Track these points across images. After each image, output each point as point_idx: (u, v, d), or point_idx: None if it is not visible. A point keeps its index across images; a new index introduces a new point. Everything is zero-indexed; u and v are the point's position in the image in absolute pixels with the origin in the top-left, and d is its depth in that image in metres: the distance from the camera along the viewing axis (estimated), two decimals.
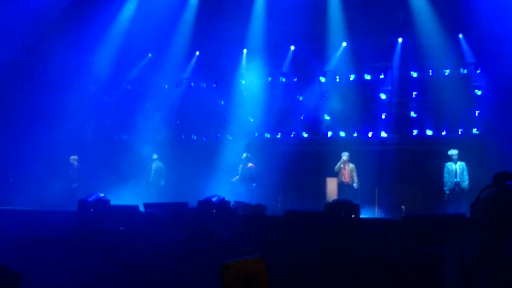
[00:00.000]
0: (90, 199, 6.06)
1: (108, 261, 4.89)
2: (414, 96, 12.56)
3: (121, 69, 13.83)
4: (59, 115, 12.29)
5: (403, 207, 9.83)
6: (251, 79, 13.74)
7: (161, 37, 13.39)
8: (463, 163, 10.50)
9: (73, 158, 12.21)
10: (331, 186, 11.83)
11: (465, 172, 10.42)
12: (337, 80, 13.02)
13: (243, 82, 13.86)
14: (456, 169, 10.48)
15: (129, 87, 14.40)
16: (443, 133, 12.15)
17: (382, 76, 12.75)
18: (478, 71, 11.61)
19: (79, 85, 12.99)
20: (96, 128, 13.72)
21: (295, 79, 13.55)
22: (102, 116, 13.97)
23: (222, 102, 14.07)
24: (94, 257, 5.01)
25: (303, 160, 12.97)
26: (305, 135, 13.41)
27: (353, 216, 5.04)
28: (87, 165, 12.38)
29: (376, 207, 11.43)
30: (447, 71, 12.13)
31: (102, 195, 6.30)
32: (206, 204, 5.73)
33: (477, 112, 11.83)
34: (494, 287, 2.87)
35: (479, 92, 11.86)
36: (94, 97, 13.54)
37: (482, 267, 2.95)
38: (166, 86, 14.30)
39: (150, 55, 14.37)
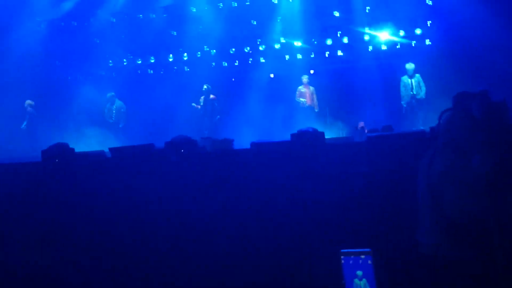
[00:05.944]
0: (53, 149, 5.85)
1: (81, 215, 4.83)
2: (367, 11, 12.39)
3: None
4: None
5: (361, 123, 10.07)
6: (201, 5, 13.13)
7: None
8: (418, 75, 10.74)
9: (29, 103, 11.41)
10: None
11: (421, 84, 10.67)
12: (290, 0, 12.62)
13: (193, 10, 13.22)
14: (412, 82, 10.74)
15: (75, 23, 13.45)
16: (398, 46, 12.26)
17: None
18: None
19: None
20: (45, 70, 12.76)
21: (248, 3, 12.99)
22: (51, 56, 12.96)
23: (175, 33, 13.48)
24: (64, 211, 4.93)
25: (264, 87, 12.79)
26: (262, 60, 13.16)
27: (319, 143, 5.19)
28: (41, 111, 11.75)
29: (339, 126, 11.67)
30: None
31: (65, 143, 6.06)
32: (173, 144, 5.68)
33: (429, 22, 11.90)
34: (458, 202, 3.13)
35: (430, 2, 11.83)
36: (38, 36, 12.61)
37: (447, 184, 3.19)
38: (114, 19, 13.49)
39: None
